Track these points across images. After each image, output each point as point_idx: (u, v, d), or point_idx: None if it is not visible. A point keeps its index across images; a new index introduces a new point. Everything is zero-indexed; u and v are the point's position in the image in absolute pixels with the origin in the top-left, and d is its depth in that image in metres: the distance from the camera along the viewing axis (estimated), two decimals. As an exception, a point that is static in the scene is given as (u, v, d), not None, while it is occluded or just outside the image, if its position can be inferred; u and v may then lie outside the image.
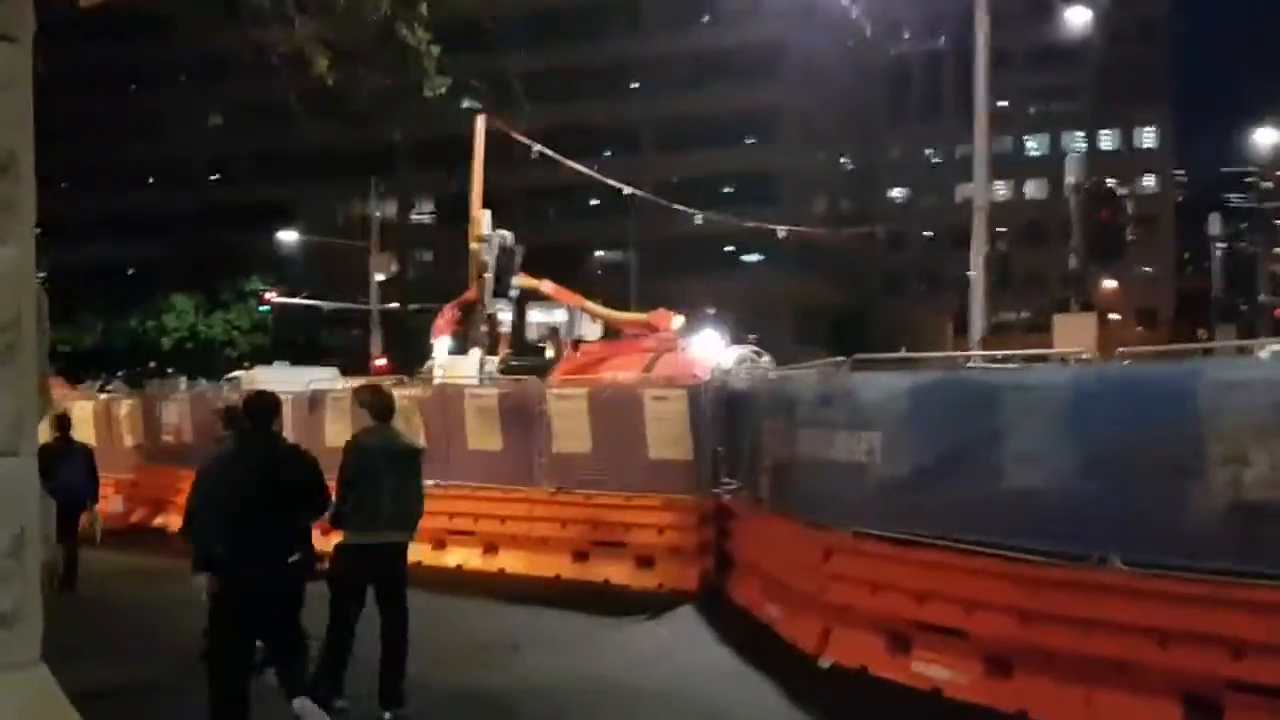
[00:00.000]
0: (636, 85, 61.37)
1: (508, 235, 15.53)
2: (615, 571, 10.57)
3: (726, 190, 56.40)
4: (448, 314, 18.24)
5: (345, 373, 27.24)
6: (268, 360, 40.56)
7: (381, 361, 40.57)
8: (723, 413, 10.67)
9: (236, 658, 5.51)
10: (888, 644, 7.18)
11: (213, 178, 68.40)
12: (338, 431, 13.93)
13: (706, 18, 60.67)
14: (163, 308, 52.11)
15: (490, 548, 11.66)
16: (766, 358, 17.96)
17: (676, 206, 31.17)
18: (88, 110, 69.04)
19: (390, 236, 56.09)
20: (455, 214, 61.97)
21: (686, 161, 57.79)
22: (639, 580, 10.40)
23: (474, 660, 7.92)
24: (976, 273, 15.97)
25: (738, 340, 20.91)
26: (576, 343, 18.35)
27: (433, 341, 18.40)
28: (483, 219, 15.76)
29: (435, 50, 12.04)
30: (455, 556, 11.81)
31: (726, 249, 59.40)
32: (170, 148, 67.92)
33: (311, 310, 49.37)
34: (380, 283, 45.94)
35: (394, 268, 62.62)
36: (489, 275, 15.19)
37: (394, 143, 59.50)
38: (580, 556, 10.95)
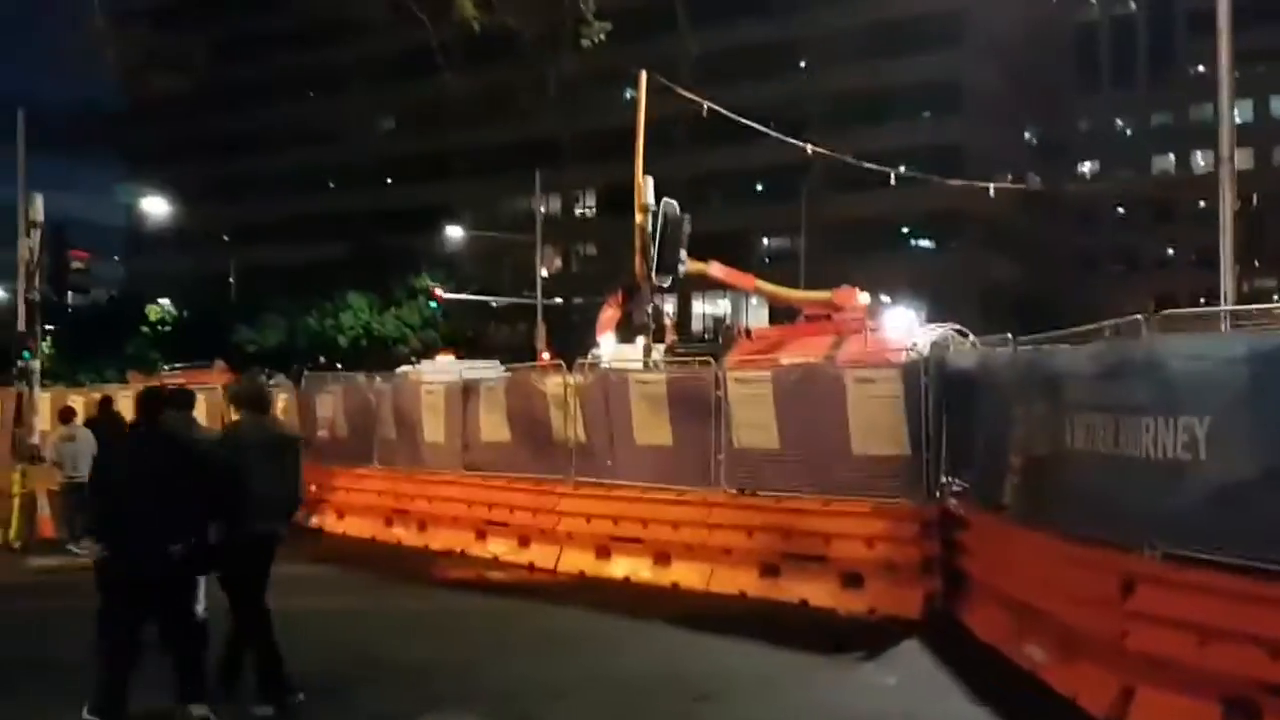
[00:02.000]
0: (804, 63, 58.88)
1: (674, 204, 13.88)
2: (814, 591, 8.68)
3: (903, 168, 53.38)
4: (611, 308, 16.80)
5: (510, 366, 26.58)
6: (432, 355, 40.59)
7: (545, 355, 40.10)
8: (945, 397, 8.62)
9: (115, 637, 5.59)
10: (1225, 716, 5.04)
11: (386, 180, 70.36)
12: (493, 423, 12.63)
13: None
14: (340, 306, 53.41)
15: (662, 558, 9.97)
16: (971, 339, 15.67)
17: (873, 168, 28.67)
18: (271, 119, 72.35)
19: (554, 231, 55.98)
20: (618, 207, 61.70)
21: (859, 139, 54.83)
22: (845, 602, 8.48)
23: (648, 714, 6.20)
24: (1225, 237, 13.21)
25: (933, 320, 18.56)
26: (748, 330, 16.54)
27: (598, 338, 17.03)
28: (646, 186, 14.16)
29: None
30: (622, 567, 10.20)
31: (901, 230, 56.38)
32: (346, 152, 70.33)
33: (479, 305, 49.78)
34: (545, 277, 45.45)
35: (558, 262, 62.70)
36: (654, 250, 13.58)
37: (557, 138, 59.67)
38: (769, 571, 9.10)
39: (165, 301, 61.26)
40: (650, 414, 10.43)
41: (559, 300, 47.62)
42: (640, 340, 15.92)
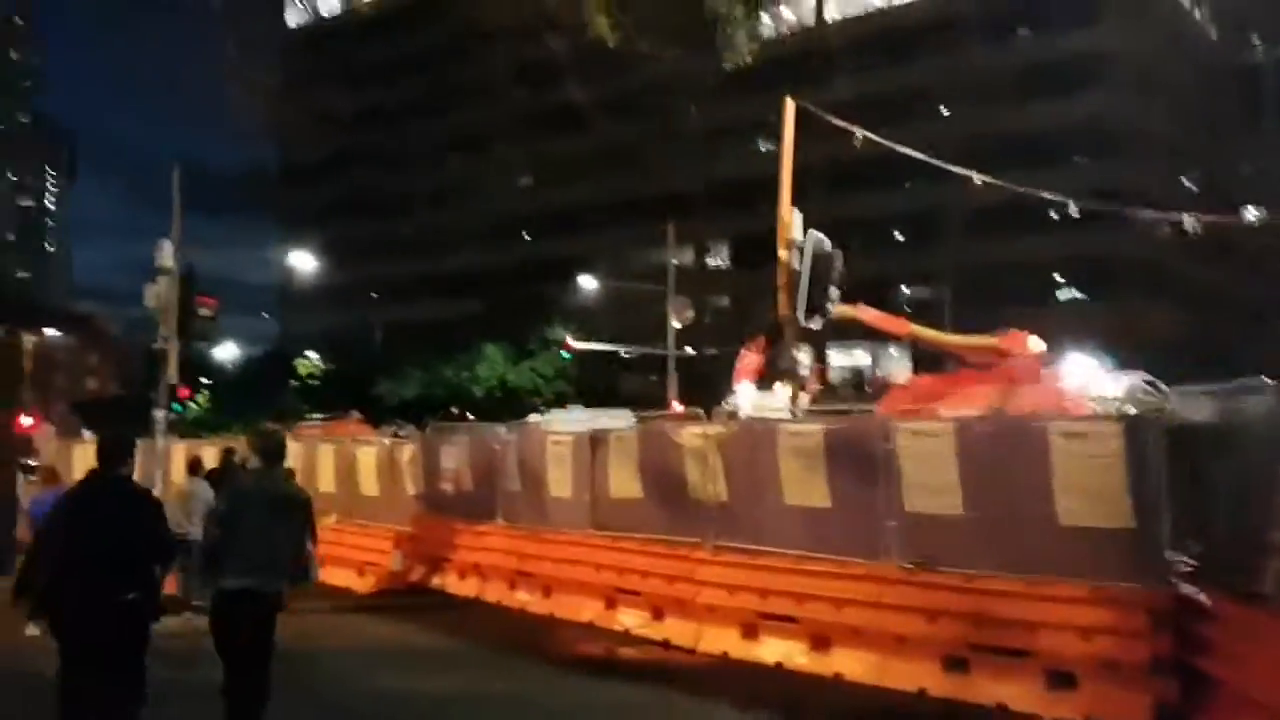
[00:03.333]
0: (945, 108, 56.97)
1: (823, 239, 12.58)
2: (1013, 692, 7.10)
3: (1073, 207, 50.78)
4: (750, 356, 15.54)
5: (641, 415, 25.72)
6: (564, 406, 40.15)
7: (677, 406, 39.19)
8: (1174, 459, 7.01)
9: (68, 689, 5.48)
10: None
11: (523, 235, 71.75)
12: (624, 478, 11.48)
13: (1024, 30, 55.69)
14: (475, 358, 53.98)
15: (820, 641, 8.52)
16: (1164, 389, 13.76)
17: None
18: (415, 180, 74.76)
19: (686, 282, 55.36)
20: (750, 259, 60.80)
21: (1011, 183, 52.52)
22: (1053, 708, 6.88)
23: None
24: None
25: (1118, 369, 16.59)
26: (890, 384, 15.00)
27: (735, 387, 15.80)
28: (793, 220, 12.89)
29: (741, 9, 9.42)
30: (772, 650, 8.79)
31: (1054, 276, 53.54)
32: (486, 209, 72.24)
33: (611, 356, 49.49)
34: (676, 328, 44.76)
35: (689, 313, 61.96)
36: (802, 287, 12.27)
37: (689, 190, 59.32)
38: (956, 665, 7.56)
39: (314, 355, 63.16)
40: (804, 470, 9.08)
41: (690, 351, 46.86)
42: (778, 388, 14.61)
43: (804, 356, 14.66)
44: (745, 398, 15.58)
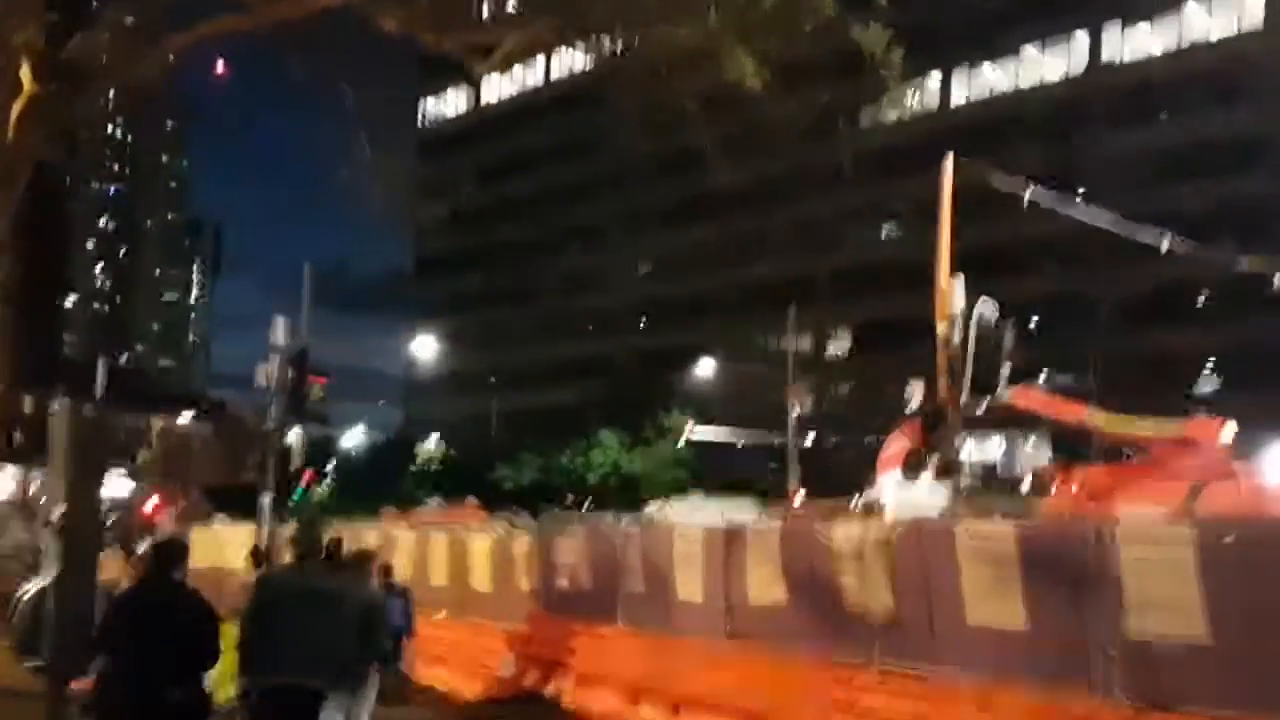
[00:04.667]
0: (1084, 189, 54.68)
1: (993, 309, 11.06)
2: None
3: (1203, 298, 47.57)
4: (901, 440, 14.03)
5: (767, 506, 24.27)
6: (686, 494, 38.85)
7: (799, 496, 37.47)
8: None
9: None
10: None
11: (642, 322, 71.95)
12: (765, 581, 10.06)
13: (1164, 115, 53.27)
14: (591, 444, 53.44)
15: (1020, 796, 6.89)
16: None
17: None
18: (537, 270, 75.90)
19: (806, 369, 53.89)
20: (872, 345, 58.89)
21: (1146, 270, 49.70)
22: None
23: None
24: None
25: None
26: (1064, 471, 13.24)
27: (878, 477, 14.29)
28: (953, 290, 11.44)
29: (897, 52, 8.37)
30: (957, 804, 7.18)
31: (1198, 368, 50.20)
32: (606, 297, 72.73)
33: (729, 444, 48.28)
34: (796, 416, 43.28)
35: (809, 401, 60.26)
36: (967, 365, 10.78)
37: (810, 276, 58.19)
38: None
39: (434, 442, 63.73)
40: (991, 582, 7.53)
41: (810, 440, 45.29)
42: (926, 479, 13.04)
43: (970, 445, 13.11)
44: (890, 490, 14.05)
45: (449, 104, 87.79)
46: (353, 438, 65.10)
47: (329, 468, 56.08)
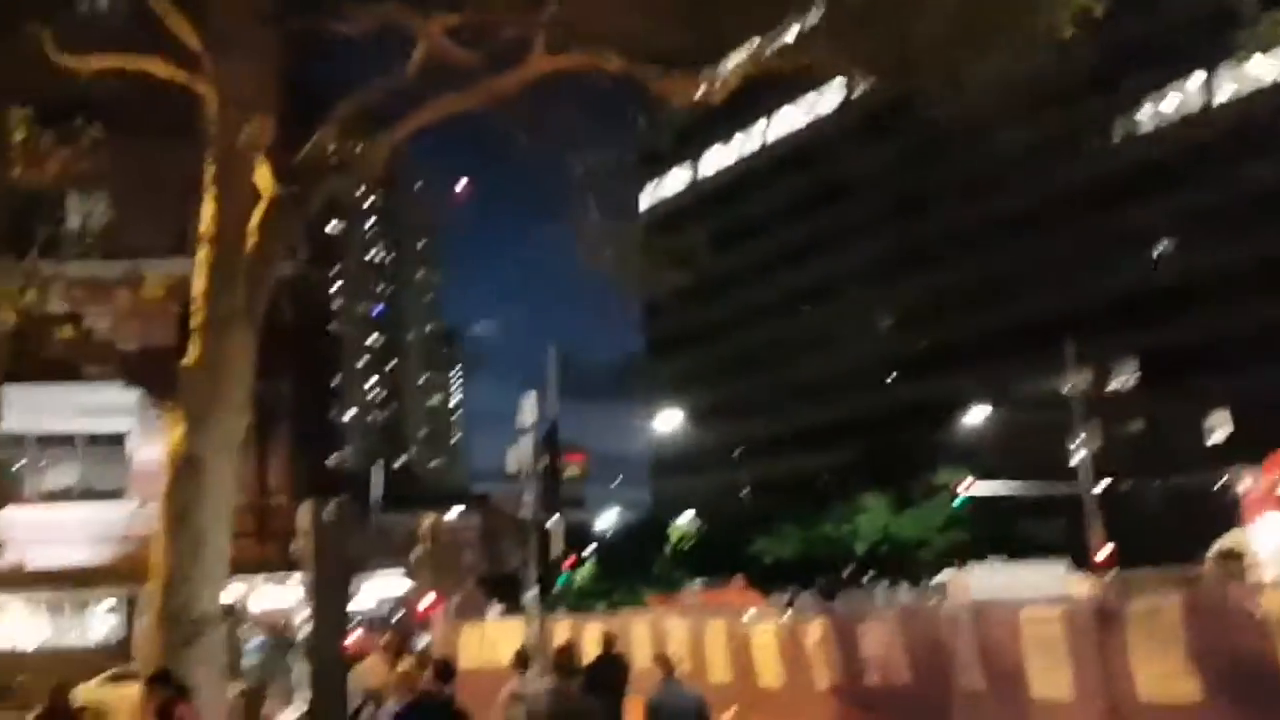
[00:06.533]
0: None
1: None
2: None
3: None
4: (1270, 475, 11.21)
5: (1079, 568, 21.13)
6: (964, 559, 35.26)
7: (1105, 552, 33.19)
8: None
9: None
10: None
11: (890, 378, 68.72)
12: (1162, 673, 7.55)
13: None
14: (855, 510, 50.45)
15: None
16: None
17: None
18: (772, 336, 74.23)
19: (1088, 409, 48.89)
20: (1164, 375, 52.85)
21: None
22: None
23: None
24: None
25: None
26: None
27: (1245, 522, 11.40)
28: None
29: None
30: None
31: None
32: (847, 357, 70.07)
33: (1007, 500, 43.99)
34: (1084, 461, 38.86)
35: (1096, 444, 54.55)
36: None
37: (1080, 309, 53.14)
38: None
39: (686, 519, 62.60)
40: None
41: (1101, 488, 40.42)
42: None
43: None
44: (1265, 540, 11.09)
45: (668, 186, 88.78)
46: (605, 520, 65.17)
47: (587, 552, 55.89)
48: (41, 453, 21.69)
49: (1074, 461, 37.35)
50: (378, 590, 47.35)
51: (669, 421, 57.35)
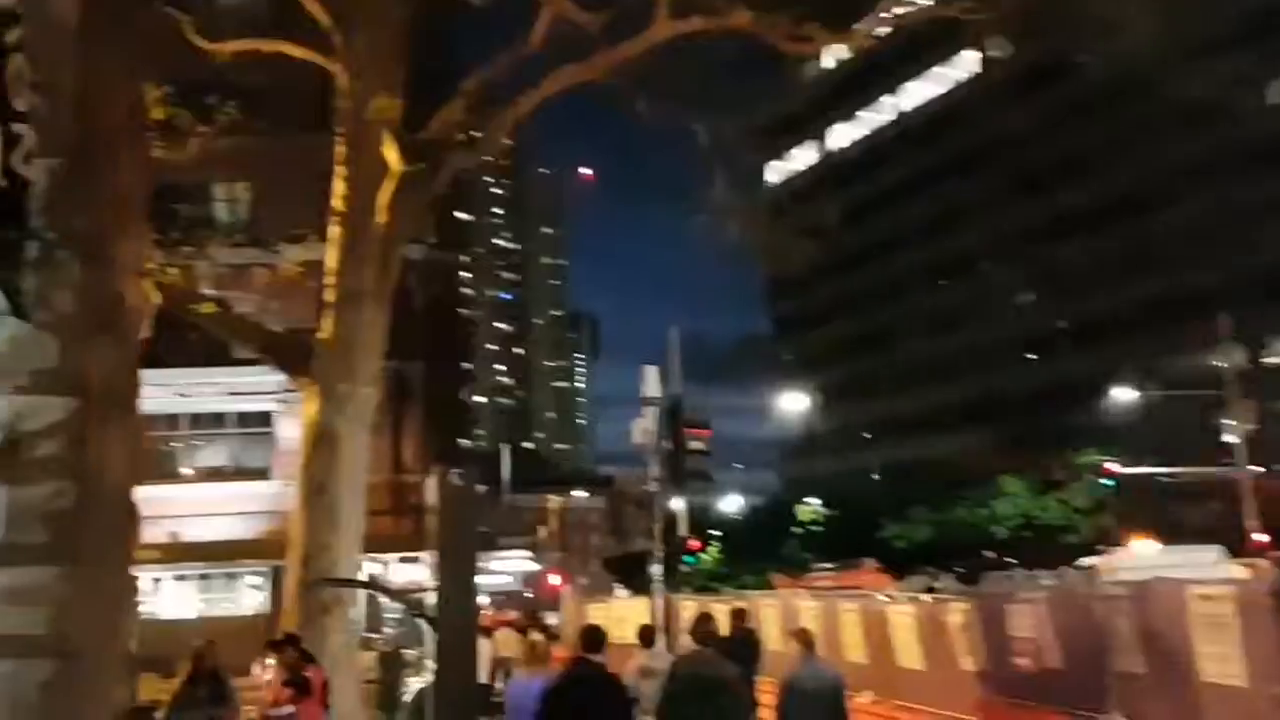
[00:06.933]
0: None
1: None
2: None
3: None
4: None
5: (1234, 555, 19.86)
6: (1112, 544, 33.60)
7: (1262, 537, 31.30)
8: None
9: None
10: None
11: (1028, 356, 65.93)
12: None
13: None
14: (993, 494, 48.68)
15: None
16: None
17: None
18: (903, 313, 72.21)
19: (1242, 386, 45.96)
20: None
21: None
22: None
23: None
24: None
25: None
26: None
27: None
28: None
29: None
30: None
31: None
32: (983, 334, 67.63)
33: (1157, 482, 41.73)
34: (1238, 441, 36.55)
35: (1250, 423, 51.26)
36: None
37: (1230, 280, 49.97)
38: None
39: (814, 502, 61.66)
40: None
41: (1261, 469, 37.87)
42: None
43: None
44: None
45: (795, 162, 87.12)
46: (731, 503, 64.69)
47: (713, 535, 55.66)
48: (194, 432, 22.72)
49: (1228, 440, 35.17)
50: (507, 567, 48.34)
51: (796, 403, 56.38)
